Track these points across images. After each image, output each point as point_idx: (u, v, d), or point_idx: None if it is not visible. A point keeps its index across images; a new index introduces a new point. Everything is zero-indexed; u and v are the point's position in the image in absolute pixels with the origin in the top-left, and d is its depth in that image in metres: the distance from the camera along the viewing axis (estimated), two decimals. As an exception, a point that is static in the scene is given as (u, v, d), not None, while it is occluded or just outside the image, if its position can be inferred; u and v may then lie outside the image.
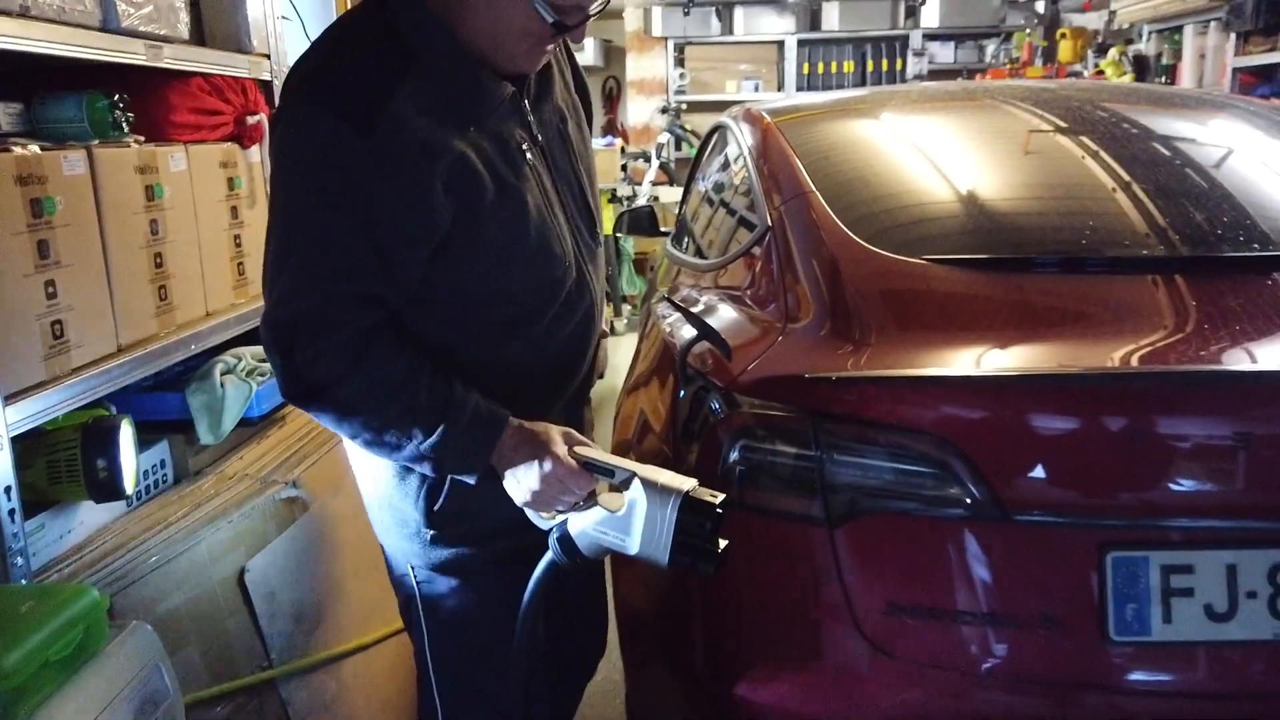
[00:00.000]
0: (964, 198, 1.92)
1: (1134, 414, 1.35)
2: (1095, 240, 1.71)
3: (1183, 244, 1.65)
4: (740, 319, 1.82)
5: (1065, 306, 1.55)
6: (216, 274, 1.81)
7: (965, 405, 1.40)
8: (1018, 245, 1.74)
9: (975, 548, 1.40)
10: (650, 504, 1.16)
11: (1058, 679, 1.38)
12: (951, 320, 1.54)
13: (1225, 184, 1.90)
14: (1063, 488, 1.38)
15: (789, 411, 1.48)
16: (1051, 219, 1.84)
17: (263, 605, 1.51)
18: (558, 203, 1.30)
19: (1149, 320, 1.51)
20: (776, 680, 1.49)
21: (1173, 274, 1.58)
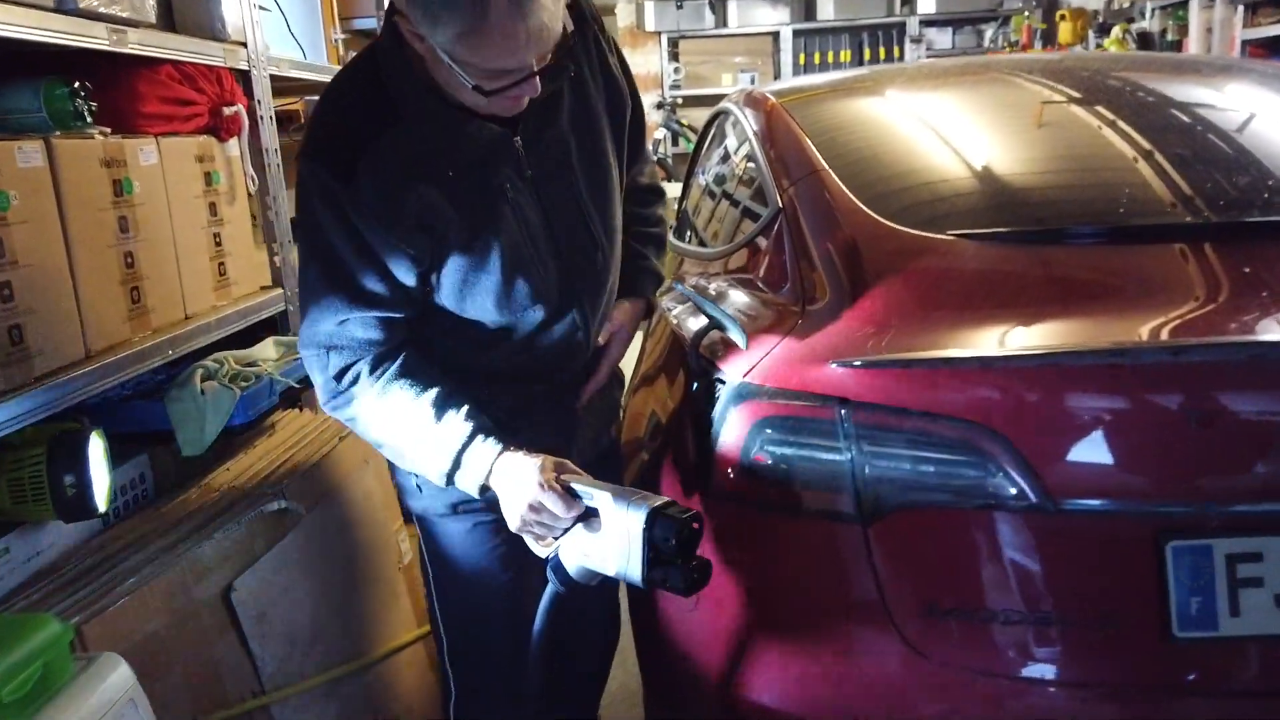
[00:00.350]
0: (984, 171, 1.81)
1: (1192, 391, 1.24)
2: (1127, 209, 1.60)
3: (1216, 210, 1.55)
4: (754, 305, 1.71)
5: (1102, 279, 1.44)
6: (195, 274, 1.70)
7: (1007, 388, 1.30)
8: (1046, 217, 1.64)
9: (1022, 541, 1.29)
10: (621, 523, 1.19)
11: (1115, 682, 1.28)
12: (982, 297, 1.43)
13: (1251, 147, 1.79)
14: (1116, 473, 1.27)
15: (814, 401, 1.38)
16: (1078, 190, 1.73)
17: (252, 626, 1.40)
18: (544, 236, 1.33)
19: (1193, 291, 1.40)
20: (807, 689, 1.39)
21: (1209, 242, 1.48)
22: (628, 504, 1.20)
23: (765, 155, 2.06)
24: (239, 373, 1.66)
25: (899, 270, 1.52)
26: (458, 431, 1.28)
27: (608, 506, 1.21)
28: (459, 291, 1.30)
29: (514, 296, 1.31)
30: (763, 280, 1.83)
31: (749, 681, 1.43)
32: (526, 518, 1.26)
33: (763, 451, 1.42)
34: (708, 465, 1.49)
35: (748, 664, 1.45)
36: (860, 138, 2.03)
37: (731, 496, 1.45)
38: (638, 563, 1.19)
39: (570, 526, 1.26)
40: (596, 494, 1.23)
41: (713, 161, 3.02)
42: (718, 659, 1.48)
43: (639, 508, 1.19)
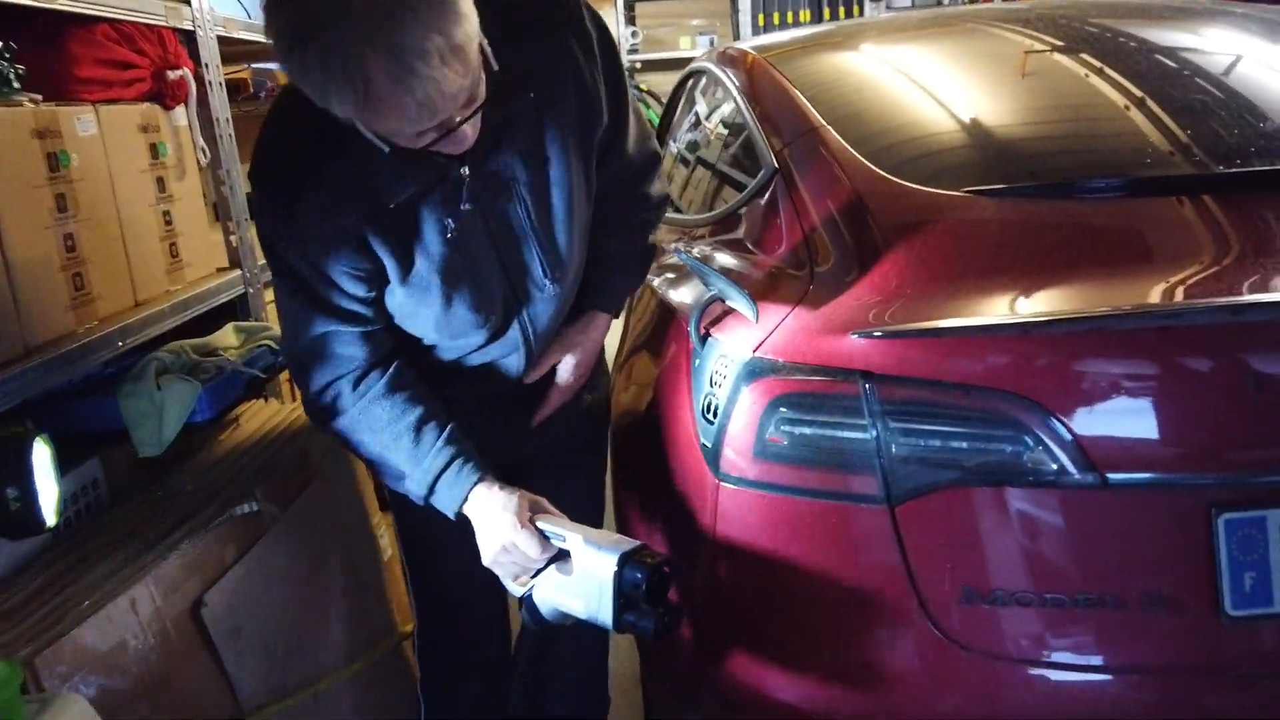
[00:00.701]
0: (989, 123, 1.71)
1: (1252, 353, 1.16)
2: (1154, 159, 1.51)
3: (1251, 157, 1.46)
4: (754, 273, 1.60)
5: (1140, 234, 1.35)
6: (145, 257, 1.55)
7: (1048, 356, 1.20)
8: (1067, 169, 1.54)
9: (1065, 520, 1.21)
10: (592, 567, 1.20)
11: (1165, 665, 1.20)
12: (1010, 258, 1.33)
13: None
14: (1166, 445, 1.18)
15: (834, 376, 1.27)
16: (1094, 140, 1.63)
17: (226, 644, 1.27)
18: (491, 264, 1.30)
19: (1240, 246, 1.31)
20: (830, 685, 1.30)
21: (1248, 192, 1.39)
22: (598, 548, 1.20)
23: (753, 114, 1.94)
24: (198, 363, 1.51)
25: (915, 230, 1.42)
26: (435, 458, 1.29)
27: (579, 549, 1.22)
28: (400, 314, 1.30)
29: (452, 324, 1.30)
30: (759, 247, 1.72)
31: (766, 678, 1.34)
32: (499, 557, 1.27)
33: (778, 432, 1.31)
34: (716, 448, 1.39)
35: (764, 659, 1.35)
36: (854, 92, 1.92)
37: (743, 481, 1.35)
38: (608, 607, 1.19)
39: (543, 567, 1.26)
40: (569, 536, 1.23)
41: (687, 126, 2.90)
42: (730, 653, 1.39)
43: (609, 552, 1.19)
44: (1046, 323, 1.17)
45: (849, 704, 1.28)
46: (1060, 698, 1.22)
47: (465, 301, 1.29)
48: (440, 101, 1.02)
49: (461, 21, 1.01)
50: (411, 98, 1.00)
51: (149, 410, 1.39)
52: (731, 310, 1.51)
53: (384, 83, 0.98)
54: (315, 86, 1.01)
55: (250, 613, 1.33)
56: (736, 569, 1.37)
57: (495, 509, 1.26)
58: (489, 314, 1.32)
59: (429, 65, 0.99)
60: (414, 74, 0.98)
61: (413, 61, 0.97)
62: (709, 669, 1.43)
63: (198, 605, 1.25)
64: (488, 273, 1.30)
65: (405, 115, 1.01)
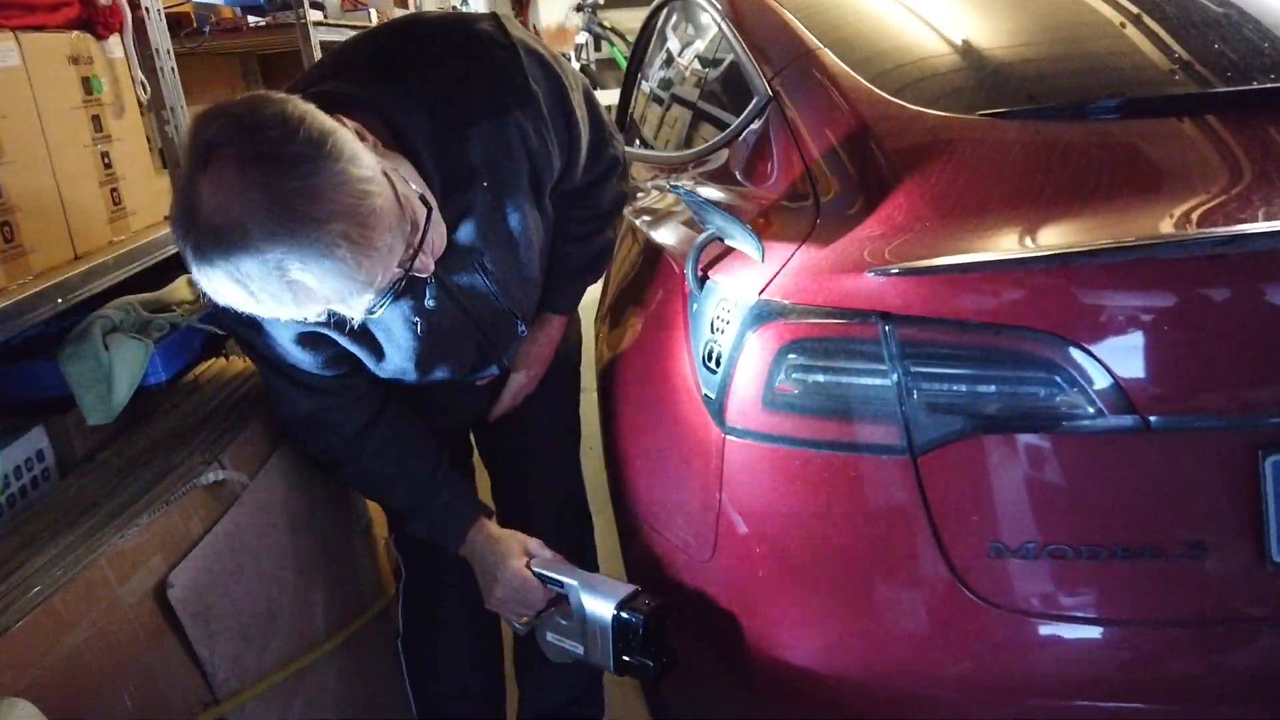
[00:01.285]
0: (996, 41, 1.59)
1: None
2: (1184, 74, 1.40)
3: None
4: (751, 208, 1.49)
5: (1169, 156, 1.25)
6: (82, 204, 1.40)
7: (1083, 289, 1.11)
8: (1085, 88, 1.43)
9: (1103, 466, 1.13)
10: (590, 611, 1.24)
11: (1208, 616, 1.13)
12: (1037, 185, 1.23)
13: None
14: (1210, 383, 1.10)
15: (851, 318, 1.17)
16: (1115, 56, 1.52)
17: (196, 626, 1.16)
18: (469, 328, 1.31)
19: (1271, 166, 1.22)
20: (850, 649, 1.22)
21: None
22: (596, 594, 1.25)
23: (739, 40, 1.81)
24: (149, 321, 1.38)
25: (928, 157, 1.32)
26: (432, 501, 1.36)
27: (576, 595, 1.26)
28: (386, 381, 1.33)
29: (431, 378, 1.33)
30: (753, 180, 1.60)
31: (781, 642, 1.26)
32: (499, 600, 1.32)
33: (789, 380, 1.22)
34: (720, 400, 1.29)
35: (778, 621, 1.28)
36: (849, 11, 1.79)
37: (751, 434, 1.26)
38: (608, 651, 1.24)
39: (543, 610, 1.31)
40: (566, 581, 1.27)
41: (662, 59, 2.75)
42: (740, 617, 1.31)
43: (607, 599, 1.24)
44: (1085, 253, 1.07)
45: (870, 667, 1.21)
46: (1094, 654, 1.15)
47: (443, 368, 1.32)
48: (351, 301, 0.96)
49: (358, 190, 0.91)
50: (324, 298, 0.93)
51: (96, 374, 1.26)
52: (730, 250, 1.40)
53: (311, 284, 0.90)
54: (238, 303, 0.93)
55: (221, 591, 1.22)
56: (745, 527, 1.29)
57: (492, 555, 1.32)
58: (467, 367, 1.36)
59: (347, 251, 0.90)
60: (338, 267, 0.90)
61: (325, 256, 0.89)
62: (719, 635, 1.35)
63: (162, 586, 1.14)
64: (461, 340, 1.31)
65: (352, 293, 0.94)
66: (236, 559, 1.26)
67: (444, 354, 1.30)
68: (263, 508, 1.35)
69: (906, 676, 1.20)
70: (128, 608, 1.09)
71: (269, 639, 1.31)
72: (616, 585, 1.27)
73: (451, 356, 1.31)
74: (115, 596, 1.08)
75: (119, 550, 1.11)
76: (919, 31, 1.66)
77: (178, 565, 1.16)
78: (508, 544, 1.33)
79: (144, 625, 1.11)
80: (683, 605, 1.42)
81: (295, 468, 1.45)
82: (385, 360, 1.26)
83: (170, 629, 1.14)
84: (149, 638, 1.11)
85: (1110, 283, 1.10)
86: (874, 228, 1.25)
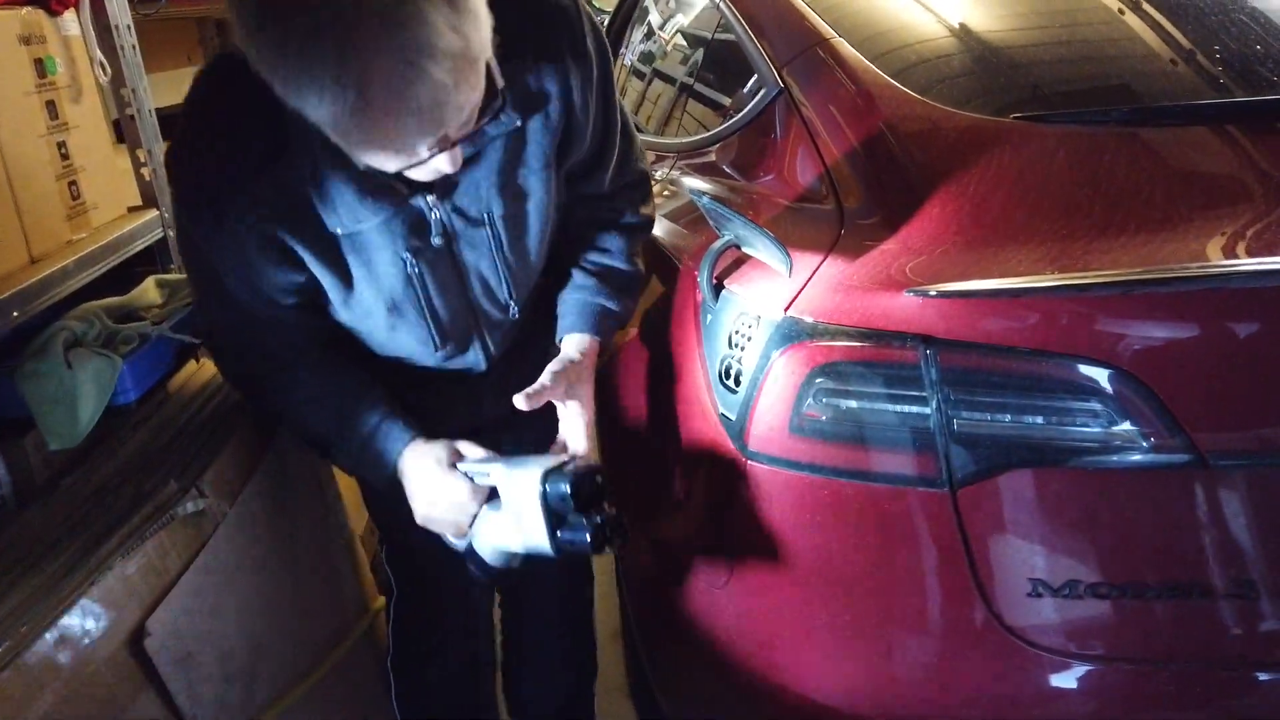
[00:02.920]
0: (1035, 38, 1.51)
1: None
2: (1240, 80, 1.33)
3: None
4: (769, 211, 1.40)
5: (1229, 171, 1.18)
6: (37, 200, 1.27)
7: (1137, 317, 1.04)
8: (1136, 93, 1.35)
9: (1154, 504, 1.07)
10: (517, 492, 1.10)
11: (1254, 659, 1.08)
12: (1089, 200, 1.15)
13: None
14: (1270, 419, 1.04)
15: (889, 341, 1.09)
16: (1162, 61, 1.44)
17: (176, 675, 1.06)
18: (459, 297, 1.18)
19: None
20: (884, 689, 1.16)
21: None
22: (521, 469, 1.11)
23: (743, 21, 1.71)
24: (116, 332, 1.25)
25: (962, 163, 1.24)
26: (362, 425, 1.17)
27: (502, 479, 1.12)
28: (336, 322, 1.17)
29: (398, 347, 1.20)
30: (760, 179, 1.51)
31: (807, 679, 1.20)
32: (430, 512, 1.16)
33: (819, 405, 1.14)
34: (741, 423, 1.21)
35: (797, 657, 1.21)
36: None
37: (777, 461, 1.18)
38: (541, 530, 1.09)
39: (476, 512, 1.15)
40: (491, 469, 1.13)
41: (643, 39, 2.64)
42: (755, 649, 1.24)
43: (531, 470, 1.10)
44: (1147, 280, 1.00)
45: (900, 712, 1.15)
46: (1138, 698, 1.10)
47: (415, 331, 1.17)
48: (445, 116, 0.84)
49: (480, 25, 0.85)
50: (413, 110, 0.81)
51: (59, 394, 1.14)
52: (747, 257, 1.32)
53: (383, 86, 0.79)
54: (290, 80, 0.79)
55: (201, 633, 1.12)
56: (765, 556, 1.21)
57: (425, 470, 1.16)
58: (444, 342, 1.20)
59: (440, 69, 0.79)
60: (422, 79, 0.79)
61: (424, 63, 0.79)
62: (728, 664, 1.28)
63: (138, 635, 1.04)
64: (448, 306, 1.18)
65: (399, 131, 0.84)
66: (217, 596, 1.16)
67: (421, 311, 1.16)
68: (244, 536, 1.24)
69: (937, 718, 1.15)
70: (101, 663, 0.99)
71: (254, 676, 1.21)
72: (542, 458, 1.13)
73: (428, 319, 1.17)
74: (87, 652, 0.98)
75: (90, 600, 1.00)
76: (941, 24, 1.57)
77: (155, 610, 1.06)
78: (439, 454, 1.16)
79: (119, 680, 1.01)
80: (688, 630, 1.35)
81: (278, 486, 1.35)
82: (354, 294, 1.11)
83: (148, 681, 1.04)
84: (124, 693, 1.01)
85: (1169, 311, 1.03)
86: (907, 241, 1.17)
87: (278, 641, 1.27)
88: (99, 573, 1.02)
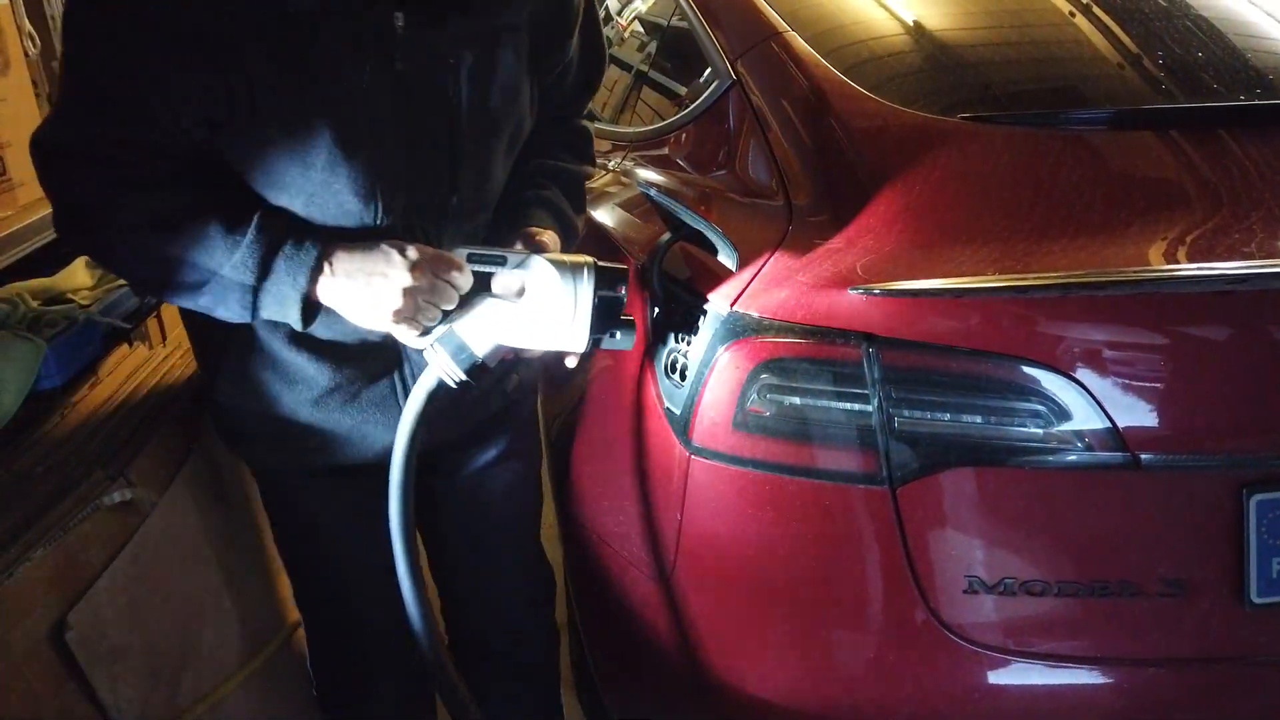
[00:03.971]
0: (981, 38, 1.52)
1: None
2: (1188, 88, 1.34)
3: None
4: (718, 204, 1.39)
5: (1170, 177, 1.19)
6: (-40, 178, 1.22)
7: (1076, 320, 1.05)
8: (1083, 96, 1.36)
9: (1088, 502, 1.09)
10: (560, 283, 1.02)
11: (1184, 656, 1.11)
12: (1031, 202, 1.16)
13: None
14: (1201, 420, 1.06)
15: (833, 339, 1.09)
16: (1110, 62, 1.45)
17: (99, 670, 1.03)
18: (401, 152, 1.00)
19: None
20: (821, 683, 1.17)
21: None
22: (565, 261, 1.03)
23: (699, 14, 1.70)
24: (42, 314, 1.21)
25: (911, 162, 1.24)
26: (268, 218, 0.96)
27: (535, 267, 1.02)
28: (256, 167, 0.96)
29: (325, 202, 0.98)
30: (711, 172, 1.50)
31: (746, 675, 1.20)
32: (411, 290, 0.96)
33: (763, 401, 1.14)
34: (686, 417, 1.20)
35: (744, 654, 1.21)
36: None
37: (720, 456, 1.17)
38: (584, 325, 1.03)
39: (463, 293, 1.01)
40: (511, 257, 1.03)
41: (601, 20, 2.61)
42: (695, 641, 1.24)
43: (581, 264, 1.03)
44: (1086, 284, 1.01)
45: (836, 702, 1.16)
46: (1070, 693, 1.12)
47: (353, 179, 0.97)
48: None
49: None
50: None
51: (-22, 378, 1.10)
52: (696, 252, 1.31)
53: None
54: None
55: (127, 627, 1.08)
56: (707, 550, 1.21)
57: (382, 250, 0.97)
58: (380, 205, 1.00)
59: None
60: None
61: None
62: (667, 655, 1.28)
63: (60, 628, 1.00)
64: (391, 158, 1.00)
65: None
66: (144, 589, 1.13)
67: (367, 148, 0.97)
68: (173, 528, 1.21)
69: (875, 713, 1.16)
70: (19, 657, 0.96)
71: (181, 674, 1.18)
72: (576, 255, 1.05)
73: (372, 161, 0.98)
74: (5, 645, 0.95)
75: (7, 591, 0.97)
76: (895, 21, 1.57)
77: (77, 603, 1.03)
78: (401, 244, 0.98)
79: (38, 676, 0.97)
80: (629, 624, 1.34)
81: (210, 477, 1.31)
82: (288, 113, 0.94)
83: (69, 675, 1.01)
84: (43, 689, 0.98)
85: (1105, 314, 1.04)
86: (852, 238, 1.17)
87: (208, 637, 1.24)
88: (18, 563, 0.99)
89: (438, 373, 1.02)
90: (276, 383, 1.09)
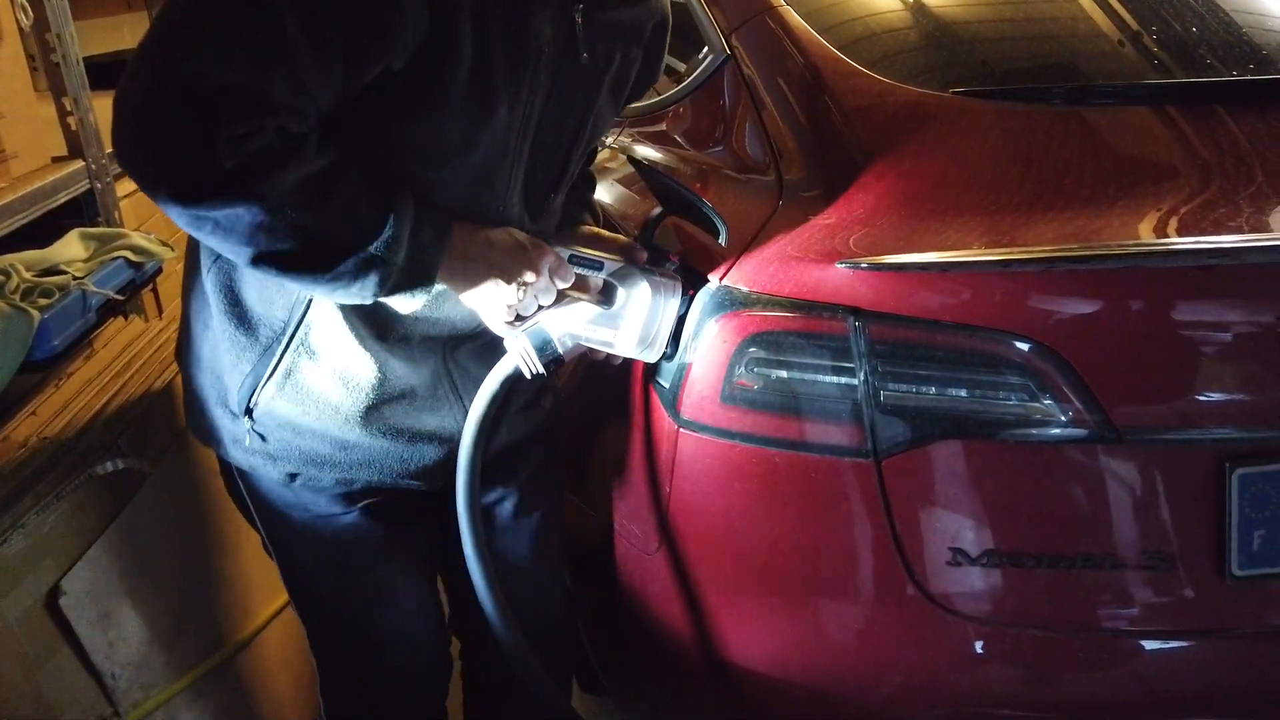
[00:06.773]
0: (975, 14, 1.51)
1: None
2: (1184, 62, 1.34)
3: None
4: (711, 180, 1.39)
5: (1160, 152, 1.19)
6: (-47, 149, 1.23)
7: (1062, 294, 1.05)
8: (1074, 71, 1.36)
9: (1071, 476, 1.09)
10: (651, 298, 1.10)
11: (1165, 628, 1.12)
12: (1021, 177, 1.16)
13: None
14: (1185, 395, 1.06)
15: (819, 312, 1.10)
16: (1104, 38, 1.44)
17: (94, 636, 1.05)
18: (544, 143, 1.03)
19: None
20: (807, 654, 1.18)
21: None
22: (661, 278, 1.12)
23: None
24: (35, 285, 1.22)
25: (902, 137, 1.24)
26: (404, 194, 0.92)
27: (634, 278, 1.10)
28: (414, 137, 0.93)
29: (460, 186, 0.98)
30: (705, 147, 1.51)
31: (733, 646, 1.21)
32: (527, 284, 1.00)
33: (750, 375, 1.14)
34: (674, 390, 1.21)
35: (725, 621, 1.22)
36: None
37: (708, 429, 1.18)
38: (663, 339, 1.12)
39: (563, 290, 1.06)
40: (608, 262, 1.10)
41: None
42: (684, 613, 1.25)
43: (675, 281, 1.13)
44: (1072, 259, 1.01)
45: (821, 672, 1.17)
46: (1052, 664, 1.13)
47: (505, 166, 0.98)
48: None
49: None
50: None
51: (-29, 348, 1.11)
52: (687, 226, 1.31)
53: None
54: None
55: (120, 594, 1.10)
56: (696, 523, 1.22)
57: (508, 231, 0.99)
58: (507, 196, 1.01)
59: None
60: None
61: None
62: (658, 627, 1.30)
63: (54, 594, 1.02)
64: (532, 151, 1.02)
65: None
66: (137, 556, 1.14)
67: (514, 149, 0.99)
68: (168, 496, 1.22)
69: (860, 683, 1.17)
70: (13, 623, 0.97)
71: (177, 639, 1.20)
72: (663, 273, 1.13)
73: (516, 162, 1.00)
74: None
75: (1, 557, 0.98)
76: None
77: (70, 569, 1.04)
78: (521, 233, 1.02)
79: (33, 641, 0.99)
80: (620, 594, 1.36)
81: (204, 449, 1.32)
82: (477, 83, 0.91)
83: (64, 640, 1.03)
84: (40, 653, 0.99)
85: (1089, 288, 1.04)
86: (842, 213, 1.17)
87: (200, 608, 1.26)
88: (13, 530, 1.00)
89: (516, 361, 1.06)
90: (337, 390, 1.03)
